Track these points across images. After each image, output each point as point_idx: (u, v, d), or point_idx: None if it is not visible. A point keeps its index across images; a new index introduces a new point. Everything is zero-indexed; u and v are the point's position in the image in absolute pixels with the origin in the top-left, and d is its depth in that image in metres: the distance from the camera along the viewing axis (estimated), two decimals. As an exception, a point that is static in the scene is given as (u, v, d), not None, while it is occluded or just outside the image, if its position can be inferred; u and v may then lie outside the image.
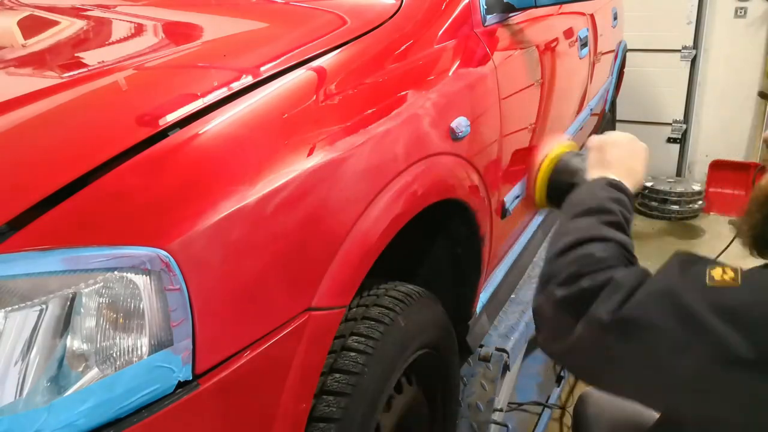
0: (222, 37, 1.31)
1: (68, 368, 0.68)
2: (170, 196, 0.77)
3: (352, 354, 1.04)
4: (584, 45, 2.30)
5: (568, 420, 2.14)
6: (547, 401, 2.17)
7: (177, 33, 1.40)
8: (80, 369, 0.69)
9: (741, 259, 0.86)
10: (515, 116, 1.59)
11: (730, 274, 0.71)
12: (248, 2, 1.58)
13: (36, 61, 1.23)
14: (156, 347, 0.72)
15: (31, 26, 1.51)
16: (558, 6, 1.93)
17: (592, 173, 1.02)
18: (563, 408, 2.18)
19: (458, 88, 1.32)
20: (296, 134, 0.92)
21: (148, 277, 0.71)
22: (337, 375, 1.01)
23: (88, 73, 1.08)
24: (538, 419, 2.07)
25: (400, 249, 1.13)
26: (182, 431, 0.76)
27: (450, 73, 1.31)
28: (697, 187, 3.92)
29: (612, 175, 0.98)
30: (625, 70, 3.66)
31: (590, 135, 2.84)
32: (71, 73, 1.12)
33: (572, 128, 2.31)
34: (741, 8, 3.81)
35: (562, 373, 2.31)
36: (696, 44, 3.95)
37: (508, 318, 1.79)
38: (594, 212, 0.89)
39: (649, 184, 3.96)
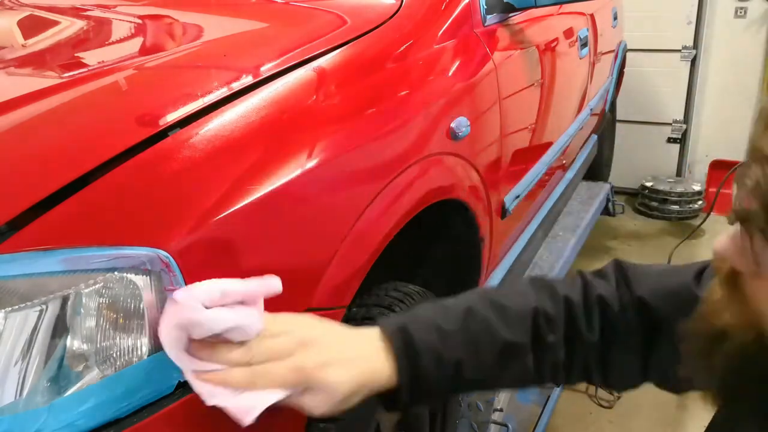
0: (222, 36, 1.31)
1: (68, 368, 0.68)
2: (170, 196, 0.77)
3: (352, 354, 1.03)
4: (584, 45, 2.30)
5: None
6: (546, 402, 2.16)
7: (177, 33, 1.40)
8: (80, 369, 0.69)
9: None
10: (515, 116, 1.60)
11: None
12: (248, 2, 1.58)
13: (36, 61, 1.23)
14: (156, 347, 0.72)
15: (31, 26, 1.51)
16: (558, 6, 1.93)
17: None
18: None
19: (458, 89, 1.32)
20: (296, 134, 0.92)
21: (148, 277, 0.71)
22: (337, 375, 1.01)
23: (88, 73, 1.08)
24: (538, 419, 2.06)
25: (400, 249, 1.13)
26: None
27: (450, 73, 1.31)
28: (697, 187, 3.92)
29: None
30: (625, 70, 3.66)
31: (590, 135, 2.85)
32: (71, 73, 1.12)
33: (572, 128, 2.31)
34: (741, 8, 3.80)
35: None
36: (696, 44, 3.94)
37: (508, 318, 1.78)
38: None
39: (649, 184, 3.97)
